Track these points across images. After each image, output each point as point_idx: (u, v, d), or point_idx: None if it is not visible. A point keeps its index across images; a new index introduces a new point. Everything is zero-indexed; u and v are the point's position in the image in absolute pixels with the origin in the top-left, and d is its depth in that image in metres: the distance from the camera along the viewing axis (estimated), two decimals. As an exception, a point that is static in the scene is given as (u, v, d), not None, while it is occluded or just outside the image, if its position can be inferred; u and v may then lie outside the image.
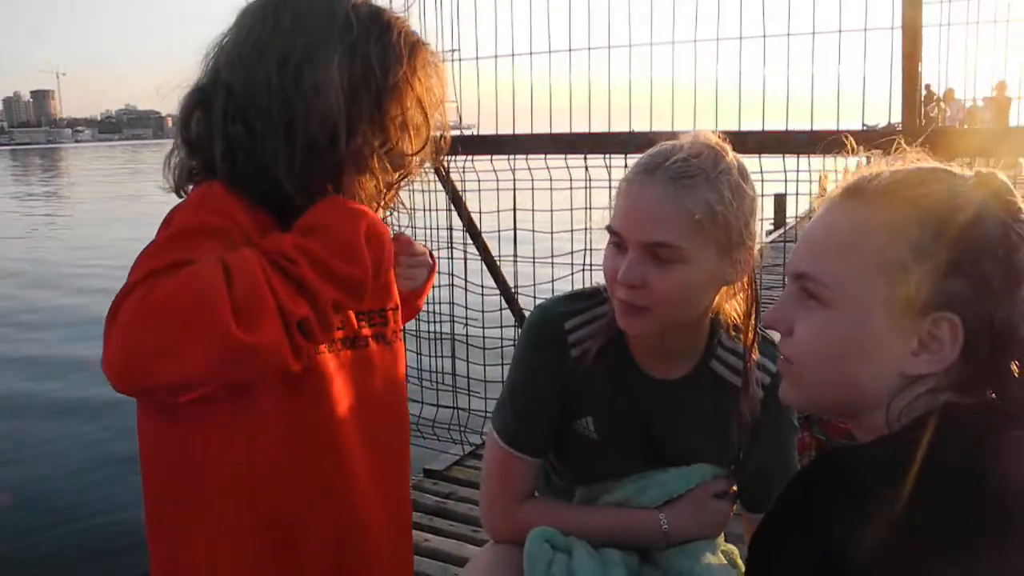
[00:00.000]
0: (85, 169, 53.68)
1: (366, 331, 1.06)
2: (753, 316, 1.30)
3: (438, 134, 1.06)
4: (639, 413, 1.33)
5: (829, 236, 0.85)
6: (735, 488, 1.40)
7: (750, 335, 1.30)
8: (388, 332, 1.09)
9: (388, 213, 1.14)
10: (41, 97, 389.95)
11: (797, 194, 2.38)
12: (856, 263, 0.81)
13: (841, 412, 0.89)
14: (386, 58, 0.96)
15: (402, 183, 1.09)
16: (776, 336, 1.04)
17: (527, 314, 3.32)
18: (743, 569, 1.43)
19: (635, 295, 1.17)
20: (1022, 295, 0.80)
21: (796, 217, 4.38)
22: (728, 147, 1.20)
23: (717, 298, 1.27)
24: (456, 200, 3.23)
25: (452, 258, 3.36)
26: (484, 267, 3.39)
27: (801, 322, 0.85)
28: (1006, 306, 0.79)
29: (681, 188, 1.14)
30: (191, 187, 1.01)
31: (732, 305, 1.31)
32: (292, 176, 0.94)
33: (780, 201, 5.25)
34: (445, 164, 2.92)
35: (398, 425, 1.16)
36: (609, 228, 1.21)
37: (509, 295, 3.28)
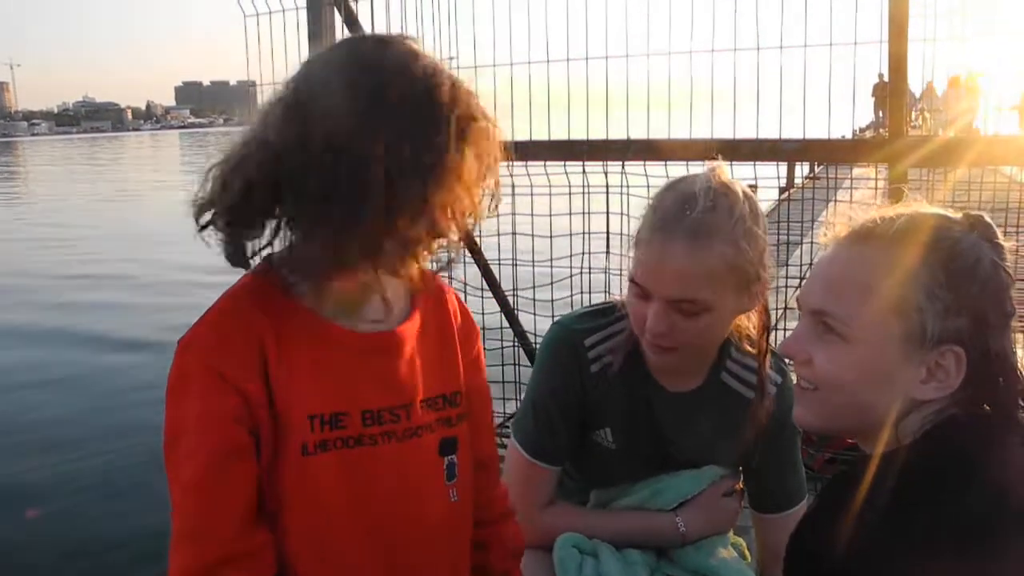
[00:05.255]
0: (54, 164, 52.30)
1: (374, 430, 0.99)
2: (765, 338, 1.38)
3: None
4: (655, 424, 1.41)
5: (845, 277, 0.94)
6: (741, 486, 1.49)
7: (766, 359, 1.38)
8: (400, 430, 1.01)
9: None
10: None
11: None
12: (874, 304, 0.90)
13: (850, 432, 0.99)
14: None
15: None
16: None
17: (525, 324, 3.39)
18: (750, 559, 1.53)
19: (662, 339, 1.27)
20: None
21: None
22: (738, 189, 1.25)
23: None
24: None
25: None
26: (484, 272, 3.43)
27: (821, 354, 0.93)
28: (1000, 336, 0.90)
29: (699, 248, 1.20)
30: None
31: (744, 325, 1.39)
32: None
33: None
34: None
35: (414, 520, 1.03)
36: (632, 280, 1.28)
37: (509, 311, 3.31)
